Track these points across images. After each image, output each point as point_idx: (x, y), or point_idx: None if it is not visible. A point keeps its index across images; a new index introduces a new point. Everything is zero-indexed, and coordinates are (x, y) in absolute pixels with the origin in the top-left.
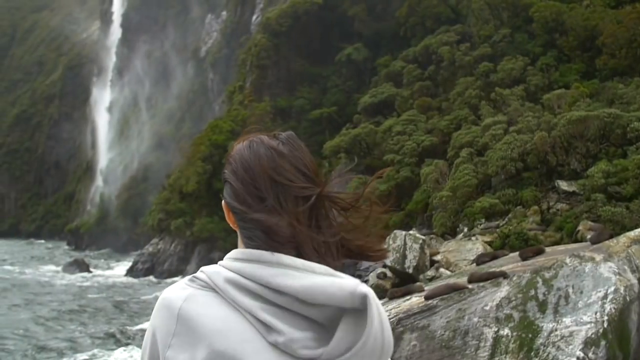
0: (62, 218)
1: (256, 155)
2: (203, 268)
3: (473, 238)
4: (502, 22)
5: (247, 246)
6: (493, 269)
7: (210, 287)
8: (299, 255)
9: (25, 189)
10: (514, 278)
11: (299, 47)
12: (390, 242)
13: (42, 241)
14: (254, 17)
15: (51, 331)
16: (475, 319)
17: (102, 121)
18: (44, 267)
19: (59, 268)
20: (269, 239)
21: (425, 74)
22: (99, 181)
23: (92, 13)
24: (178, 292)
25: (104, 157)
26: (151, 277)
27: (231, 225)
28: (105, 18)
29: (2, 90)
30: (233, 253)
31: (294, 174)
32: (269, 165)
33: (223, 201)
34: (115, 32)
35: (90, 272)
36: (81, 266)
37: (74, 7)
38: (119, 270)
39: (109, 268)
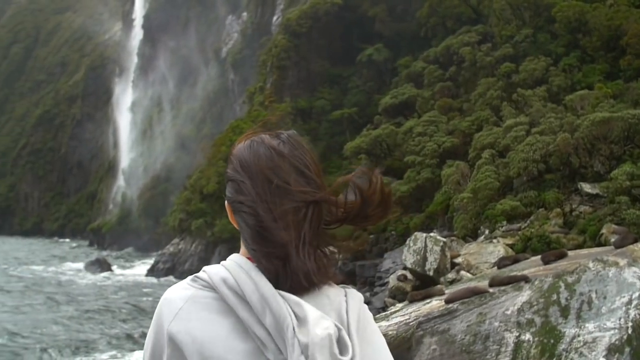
0: (84, 217)
1: (255, 155)
2: (205, 268)
3: (494, 240)
4: (524, 22)
5: (246, 247)
6: (514, 273)
7: (212, 287)
8: (289, 259)
9: (49, 188)
10: (536, 282)
11: (319, 47)
12: (411, 244)
13: (67, 240)
14: (275, 18)
15: (70, 330)
16: (496, 324)
17: (124, 121)
18: (66, 265)
19: (81, 267)
20: (260, 243)
21: (446, 74)
22: (120, 181)
23: (114, 14)
24: (180, 292)
25: (125, 157)
26: (172, 277)
27: (234, 224)
28: (127, 19)
29: (26, 91)
30: (235, 256)
31: (293, 175)
32: (267, 165)
33: (226, 201)
34: (137, 33)
35: (111, 271)
36: (103, 265)
37: (96, 9)
38: (140, 269)
39: (130, 267)
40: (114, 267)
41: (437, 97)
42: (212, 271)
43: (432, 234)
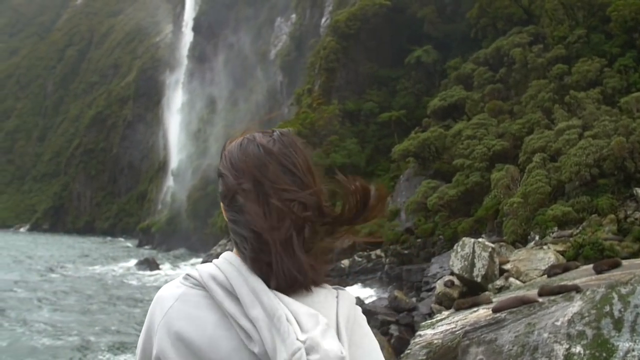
0: (134, 217)
1: (244, 153)
2: (197, 266)
3: (545, 247)
4: (577, 22)
5: (236, 245)
6: (565, 282)
7: (201, 285)
8: (271, 259)
9: (100, 187)
10: (588, 292)
11: (367, 49)
12: (459, 249)
13: (121, 239)
14: (323, 20)
15: (113, 330)
16: (546, 335)
17: (174, 122)
18: (116, 265)
19: (130, 266)
20: (245, 241)
21: (496, 76)
22: (170, 181)
23: (165, 17)
24: (172, 290)
25: (175, 158)
26: None
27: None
28: (178, 21)
29: (80, 92)
30: (227, 254)
31: (280, 175)
32: (254, 163)
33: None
34: (187, 35)
35: (159, 270)
36: (151, 265)
37: (148, 12)
38: (187, 270)
39: (178, 268)
40: (162, 267)
41: (487, 99)
42: (203, 269)
43: (480, 239)
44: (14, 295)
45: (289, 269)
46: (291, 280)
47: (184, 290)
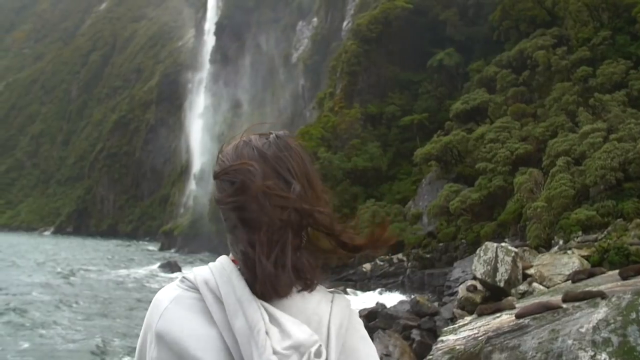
0: (157, 220)
1: (238, 156)
2: (194, 269)
3: (569, 252)
4: (601, 23)
5: (231, 250)
6: (590, 288)
7: (196, 288)
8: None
9: (123, 191)
10: (613, 299)
11: (389, 53)
12: (481, 253)
13: (144, 242)
14: (345, 24)
15: (130, 334)
16: (570, 342)
17: (196, 126)
18: (138, 268)
19: (153, 268)
20: (234, 244)
21: (519, 79)
22: (192, 185)
23: (187, 21)
24: (168, 292)
25: (197, 162)
26: None
27: None
28: (200, 26)
29: (103, 97)
30: (222, 258)
31: (273, 179)
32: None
33: None
34: (210, 40)
35: (181, 273)
36: (173, 268)
37: (170, 16)
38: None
39: None
40: (184, 271)
41: (510, 102)
42: (198, 272)
43: (503, 244)
44: (36, 298)
45: (275, 273)
46: (279, 285)
47: (180, 293)
